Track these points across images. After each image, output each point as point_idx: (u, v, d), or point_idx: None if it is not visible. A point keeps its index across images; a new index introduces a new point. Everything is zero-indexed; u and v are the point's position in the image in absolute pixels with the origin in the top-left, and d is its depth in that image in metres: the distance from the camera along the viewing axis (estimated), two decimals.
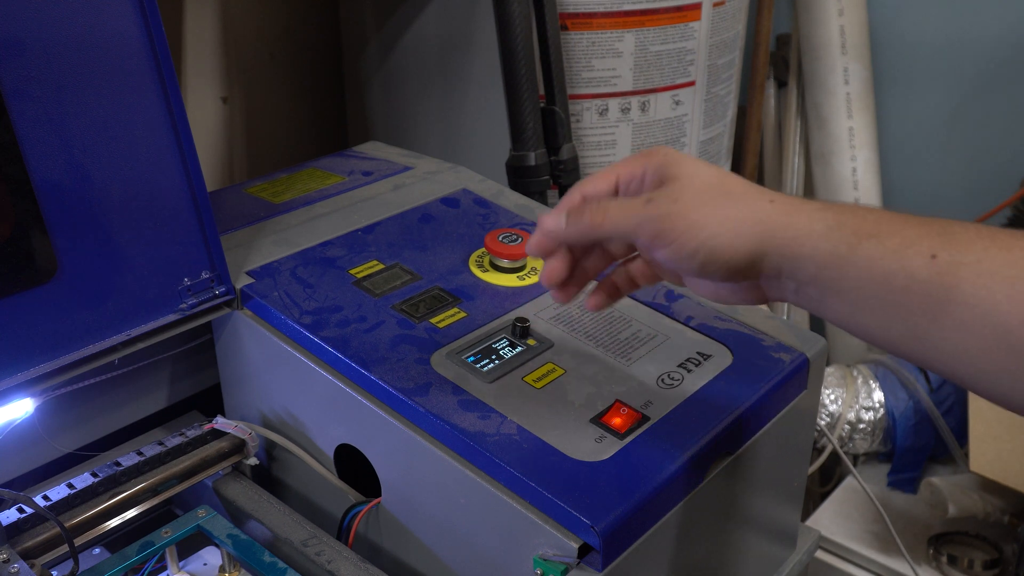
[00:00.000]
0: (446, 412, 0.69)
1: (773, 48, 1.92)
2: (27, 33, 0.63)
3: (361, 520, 0.75)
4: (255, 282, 0.81)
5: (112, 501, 0.74)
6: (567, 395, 0.72)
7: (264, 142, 1.51)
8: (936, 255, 0.50)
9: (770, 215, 0.55)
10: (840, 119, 1.79)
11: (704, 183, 0.57)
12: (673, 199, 0.57)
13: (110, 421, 0.84)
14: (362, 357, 0.73)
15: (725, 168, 1.41)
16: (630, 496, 0.63)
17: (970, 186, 1.83)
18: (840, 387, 1.55)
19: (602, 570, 0.61)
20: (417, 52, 1.25)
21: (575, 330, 0.79)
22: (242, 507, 0.78)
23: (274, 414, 0.82)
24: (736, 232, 0.55)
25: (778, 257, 0.55)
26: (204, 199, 0.75)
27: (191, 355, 0.87)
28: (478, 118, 1.23)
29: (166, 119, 0.72)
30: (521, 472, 0.64)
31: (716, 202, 0.56)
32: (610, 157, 1.23)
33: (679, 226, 0.56)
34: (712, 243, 0.55)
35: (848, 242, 0.52)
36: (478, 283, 0.84)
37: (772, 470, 0.81)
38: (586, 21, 1.16)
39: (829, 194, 1.83)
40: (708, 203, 0.56)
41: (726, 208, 0.56)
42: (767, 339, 0.80)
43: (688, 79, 1.23)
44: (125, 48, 0.68)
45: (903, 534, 1.33)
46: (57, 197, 0.67)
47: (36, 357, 0.69)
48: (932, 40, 1.78)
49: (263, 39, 1.46)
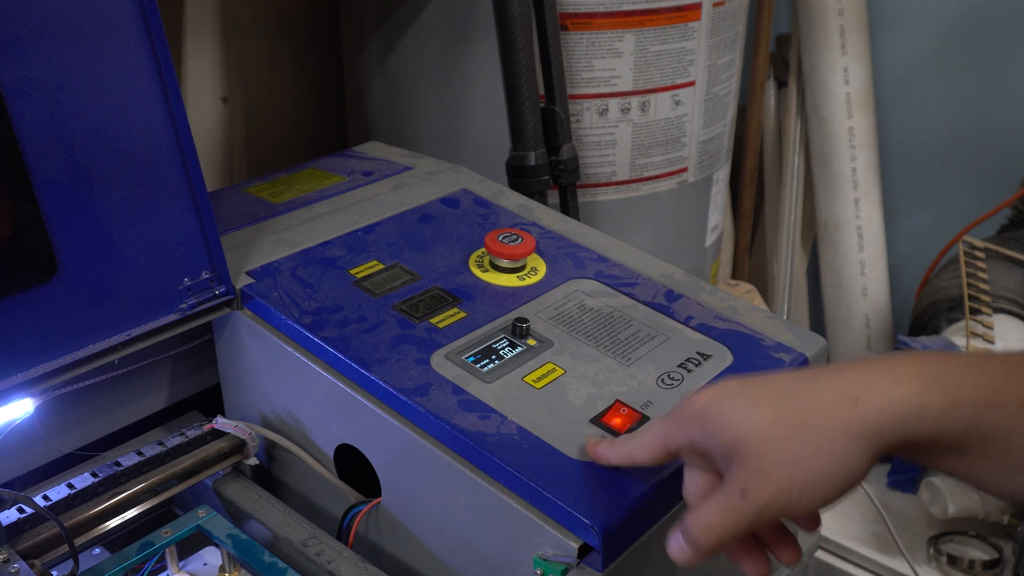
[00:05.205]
0: (446, 412, 0.69)
1: (773, 48, 1.92)
2: (27, 32, 0.63)
3: (361, 520, 0.75)
4: (255, 282, 0.81)
5: (112, 501, 0.74)
6: (567, 395, 0.72)
7: (264, 142, 1.51)
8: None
9: (861, 421, 0.49)
10: (840, 119, 1.79)
11: (772, 432, 0.51)
12: (764, 478, 0.50)
13: (110, 421, 0.84)
14: (362, 357, 0.73)
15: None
16: (630, 496, 0.63)
17: (970, 186, 1.83)
18: None
19: (602, 570, 0.61)
20: (417, 52, 1.25)
21: (575, 330, 0.79)
22: (242, 507, 0.78)
23: (274, 414, 0.82)
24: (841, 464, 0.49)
25: (888, 449, 0.50)
26: (204, 199, 0.75)
27: (191, 355, 0.87)
28: (478, 118, 1.23)
29: (166, 119, 0.72)
30: (521, 472, 0.64)
31: (801, 447, 0.50)
32: (610, 157, 1.23)
33: (793, 498, 0.50)
34: (835, 488, 0.50)
35: (966, 419, 0.49)
36: (478, 283, 0.84)
37: None
38: (586, 21, 1.16)
39: (829, 194, 1.83)
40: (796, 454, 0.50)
41: (814, 448, 0.50)
42: (767, 339, 0.80)
43: (688, 79, 1.23)
44: (126, 46, 0.68)
45: (903, 534, 1.33)
46: (57, 197, 0.67)
47: (36, 357, 0.69)
48: (933, 39, 1.78)
49: (263, 39, 1.46)
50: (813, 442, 0.50)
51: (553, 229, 0.93)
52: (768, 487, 0.50)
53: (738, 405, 0.52)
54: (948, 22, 1.76)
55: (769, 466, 0.50)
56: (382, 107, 1.35)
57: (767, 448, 0.50)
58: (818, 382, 0.51)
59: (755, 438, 0.51)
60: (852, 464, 0.50)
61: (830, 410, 0.50)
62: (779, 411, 0.51)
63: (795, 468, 0.50)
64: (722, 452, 0.53)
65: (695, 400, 0.55)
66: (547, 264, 0.87)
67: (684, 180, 1.30)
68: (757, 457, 0.51)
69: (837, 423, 0.50)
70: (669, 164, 1.27)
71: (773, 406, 0.51)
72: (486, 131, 1.21)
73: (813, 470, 0.50)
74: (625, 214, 1.28)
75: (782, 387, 0.52)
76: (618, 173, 1.24)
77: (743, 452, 0.51)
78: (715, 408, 0.53)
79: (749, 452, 0.51)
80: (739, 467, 0.51)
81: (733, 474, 0.52)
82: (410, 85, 1.28)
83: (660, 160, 1.26)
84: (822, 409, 0.50)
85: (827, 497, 0.50)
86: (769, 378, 0.54)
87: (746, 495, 0.51)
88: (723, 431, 0.52)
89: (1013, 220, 1.66)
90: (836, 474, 0.50)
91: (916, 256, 1.89)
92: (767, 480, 0.50)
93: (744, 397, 0.53)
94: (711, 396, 0.54)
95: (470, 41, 1.19)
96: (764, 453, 0.51)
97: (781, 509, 0.51)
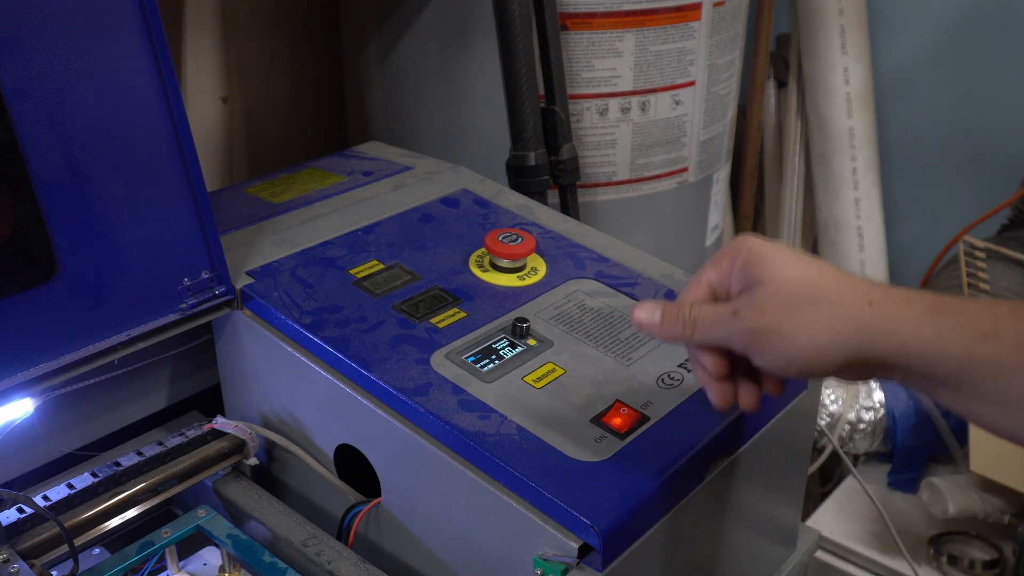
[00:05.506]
0: (446, 412, 0.69)
1: (773, 48, 1.92)
2: (27, 32, 0.63)
3: (361, 520, 0.75)
4: (255, 282, 0.81)
5: (112, 501, 0.74)
6: (567, 395, 0.72)
7: (264, 142, 1.51)
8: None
9: (869, 321, 0.53)
10: (840, 119, 1.79)
11: (792, 287, 0.55)
12: (760, 310, 0.55)
13: (110, 421, 0.84)
14: (362, 357, 0.73)
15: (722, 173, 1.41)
16: (630, 496, 0.63)
17: (970, 186, 1.83)
18: (840, 387, 1.55)
19: (602, 570, 0.61)
20: (417, 52, 1.25)
21: (575, 330, 0.79)
22: (242, 507, 0.78)
23: (274, 414, 0.82)
24: (831, 343, 0.53)
25: (882, 358, 0.53)
26: (204, 199, 0.75)
27: (191, 355, 0.87)
28: (478, 118, 1.23)
29: (166, 119, 0.72)
30: (521, 472, 0.64)
31: (806, 309, 0.54)
32: (610, 157, 1.23)
33: (769, 339, 0.55)
34: (806, 355, 0.54)
35: (963, 344, 0.51)
36: (478, 283, 0.84)
37: (772, 470, 0.81)
38: (586, 21, 1.16)
39: (829, 194, 1.83)
40: (798, 312, 0.54)
41: (818, 317, 0.54)
42: None
43: (688, 79, 1.23)
44: (126, 46, 0.68)
45: (903, 534, 1.33)
46: (57, 197, 0.67)
47: (36, 357, 0.69)
48: (933, 39, 1.78)
49: (263, 39, 1.46)
50: (817, 313, 0.54)
51: (553, 229, 0.93)
52: (757, 320, 0.55)
53: (782, 254, 0.57)
54: (948, 22, 1.76)
55: (770, 307, 0.55)
56: (382, 107, 1.35)
57: (779, 296, 0.55)
58: (850, 276, 0.56)
59: (776, 282, 0.55)
60: (833, 353, 0.53)
61: (847, 299, 0.54)
62: (808, 276, 0.55)
63: (789, 322, 0.54)
64: (745, 283, 0.57)
65: (747, 237, 0.60)
66: (547, 264, 0.87)
67: (684, 180, 1.30)
68: (766, 296, 0.55)
69: (846, 312, 0.53)
70: (669, 164, 1.27)
71: (808, 269, 0.56)
72: (486, 131, 1.21)
73: (802, 334, 0.54)
74: (625, 214, 1.28)
75: (821, 263, 0.57)
76: (618, 173, 1.24)
77: (759, 288, 0.56)
78: (762, 248, 0.58)
79: (764, 289, 0.56)
80: (747, 295, 0.56)
81: (738, 298, 0.57)
82: (410, 85, 1.28)
83: (660, 160, 1.26)
84: (841, 295, 0.54)
85: (793, 363, 0.54)
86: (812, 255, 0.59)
87: (736, 315, 0.56)
88: (757, 267, 0.57)
89: (1013, 220, 1.66)
90: (816, 349, 0.54)
91: (916, 256, 1.89)
92: (761, 314, 0.55)
93: (789, 251, 0.58)
94: (763, 238, 0.59)
95: (470, 41, 1.19)
96: (774, 296, 0.55)
97: (756, 344, 0.55)
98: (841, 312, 0.53)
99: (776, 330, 0.54)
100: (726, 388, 0.61)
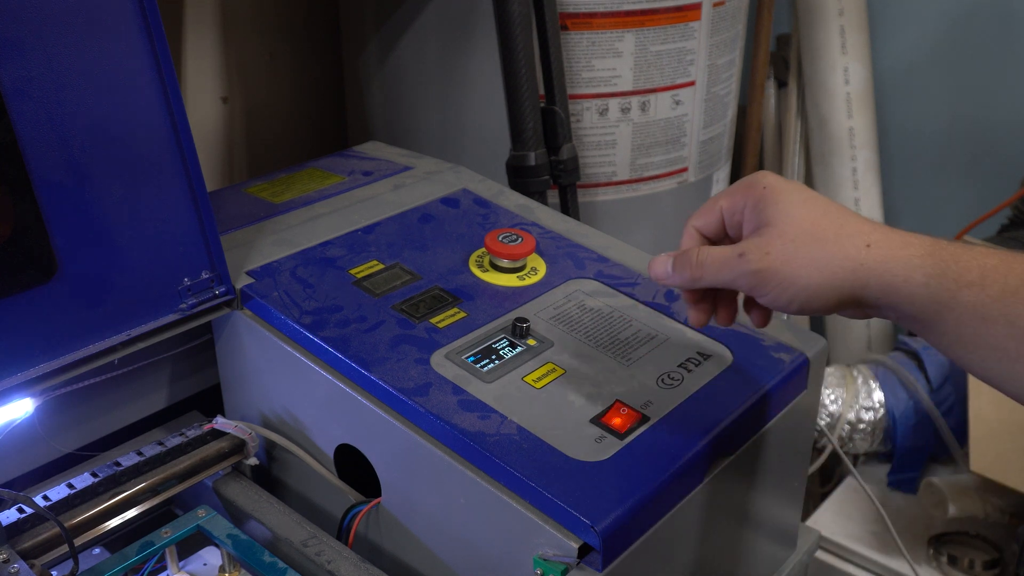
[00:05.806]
0: (446, 412, 0.69)
1: (773, 48, 1.92)
2: (27, 31, 0.63)
3: (361, 520, 0.75)
4: (255, 282, 0.81)
5: (112, 501, 0.74)
6: (567, 395, 0.72)
7: (264, 142, 1.51)
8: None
9: (864, 261, 0.56)
10: (840, 119, 1.79)
11: (797, 228, 0.58)
12: (765, 251, 0.58)
13: (110, 421, 0.84)
14: (362, 357, 0.73)
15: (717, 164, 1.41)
16: (630, 496, 0.63)
17: (970, 186, 1.83)
18: (840, 387, 1.55)
19: (602, 570, 0.61)
20: (417, 52, 1.25)
21: (575, 330, 0.79)
22: (242, 507, 0.78)
23: (274, 414, 0.82)
24: (828, 283, 0.56)
25: (875, 299, 0.56)
26: (204, 199, 0.75)
27: (191, 355, 0.87)
28: (478, 118, 1.23)
29: (166, 119, 0.72)
30: (521, 472, 0.64)
31: (807, 250, 0.57)
32: (610, 157, 1.23)
33: (772, 280, 0.57)
34: (805, 294, 0.57)
35: (949, 289, 0.53)
36: (478, 283, 0.84)
37: (772, 470, 0.81)
38: (586, 21, 1.16)
39: (829, 194, 1.83)
40: (800, 252, 0.57)
41: (817, 257, 0.56)
42: (767, 339, 0.80)
43: (688, 79, 1.23)
44: (126, 46, 0.68)
45: (903, 534, 1.33)
46: (57, 197, 0.67)
47: (36, 357, 0.69)
48: (933, 39, 1.78)
49: (263, 39, 1.46)
50: (817, 254, 0.56)
51: (553, 229, 0.93)
52: (761, 261, 0.58)
53: (793, 196, 0.59)
54: (948, 22, 1.76)
55: (775, 248, 0.57)
56: (382, 107, 1.35)
57: (784, 238, 0.58)
58: (853, 218, 0.58)
59: (782, 224, 0.58)
60: (829, 292, 0.56)
61: (846, 241, 0.56)
62: (812, 217, 0.58)
63: (790, 263, 0.57)
64: (756, 223, 0.60)
65: (766, 174, 0.62)
66: (547, 264, 0.87)
67: (684, 180, 1.30)
68: (772, 238, 0.58)
69: (843, 253, 0.56)
70: (669, 164, 1.27)
71: (814, 211, 0.58)
72: (486, 131, 1.21)
73: (802, 274, 0.57)
74: (625, 214, 1.28)
75: (828, 203, 0.59)
76: (618, 173, 1.24)
77: (767, 229, 0.59)
78: (776, 188, 0.60)
79: (770, 231, 0.58)
80: (755, 237, 0.59)
81: (746, 240, 0.60)
82: (410, 85, 1.28)
83: (660, 160, 1.26)
84: (841, 236, 0.57)
85: (793, 302, 0.58)
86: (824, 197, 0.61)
87: (743, 257, 0.59)
88: (769, 207, 0.59)
89: (1013, 220, 1.66)
90: (814, 288, 0.57)
91: None
92: (765, 255, 0.58)
93: (800, 192, 0.60)
94: (779, 177, 0.61)
95: (470, 41, 1.19)
96: (779, 238, 0.58)
97: (760, 285, 0.58)
98: (839, 252, 0.56)
99: (779, 271, 0.57)
100: (704, 308, 0.67)
